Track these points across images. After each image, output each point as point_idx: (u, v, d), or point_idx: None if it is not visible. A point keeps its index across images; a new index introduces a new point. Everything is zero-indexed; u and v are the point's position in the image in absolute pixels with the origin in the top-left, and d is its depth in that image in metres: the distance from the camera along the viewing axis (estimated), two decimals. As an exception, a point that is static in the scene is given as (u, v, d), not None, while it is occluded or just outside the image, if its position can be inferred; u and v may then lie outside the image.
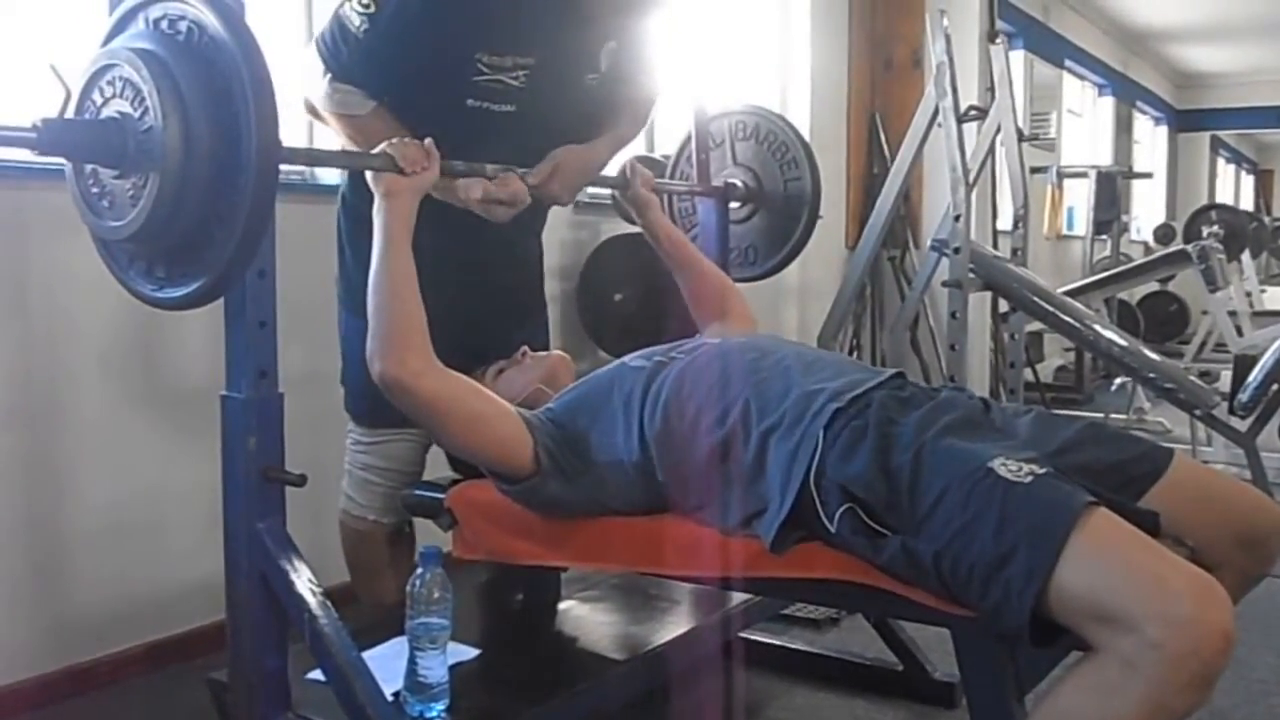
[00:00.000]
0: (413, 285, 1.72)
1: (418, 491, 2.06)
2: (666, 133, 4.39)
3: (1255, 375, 3.76)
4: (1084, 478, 1.45)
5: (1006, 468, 1.38)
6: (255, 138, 1.37)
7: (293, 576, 1.66)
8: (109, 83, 1.47)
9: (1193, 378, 4.17)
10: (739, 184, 2.83)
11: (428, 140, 1.78)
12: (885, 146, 5.82)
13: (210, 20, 1.41)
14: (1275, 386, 3.74)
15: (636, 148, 4.18)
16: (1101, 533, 1.32)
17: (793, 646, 2.67)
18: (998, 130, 4.55)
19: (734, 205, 2.84)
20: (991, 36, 5.63)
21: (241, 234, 1.41)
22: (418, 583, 1.65)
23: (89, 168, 1.53)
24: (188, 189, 1.41)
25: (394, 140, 1.76)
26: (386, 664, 1.71)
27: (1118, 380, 5.96)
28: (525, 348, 2.06)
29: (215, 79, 1.40)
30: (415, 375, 1.68)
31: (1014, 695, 1.47)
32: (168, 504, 2.64)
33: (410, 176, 1.74)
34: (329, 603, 1.66)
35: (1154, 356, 4.09)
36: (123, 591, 2.59)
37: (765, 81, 5.49)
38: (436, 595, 1.65)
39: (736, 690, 2.44)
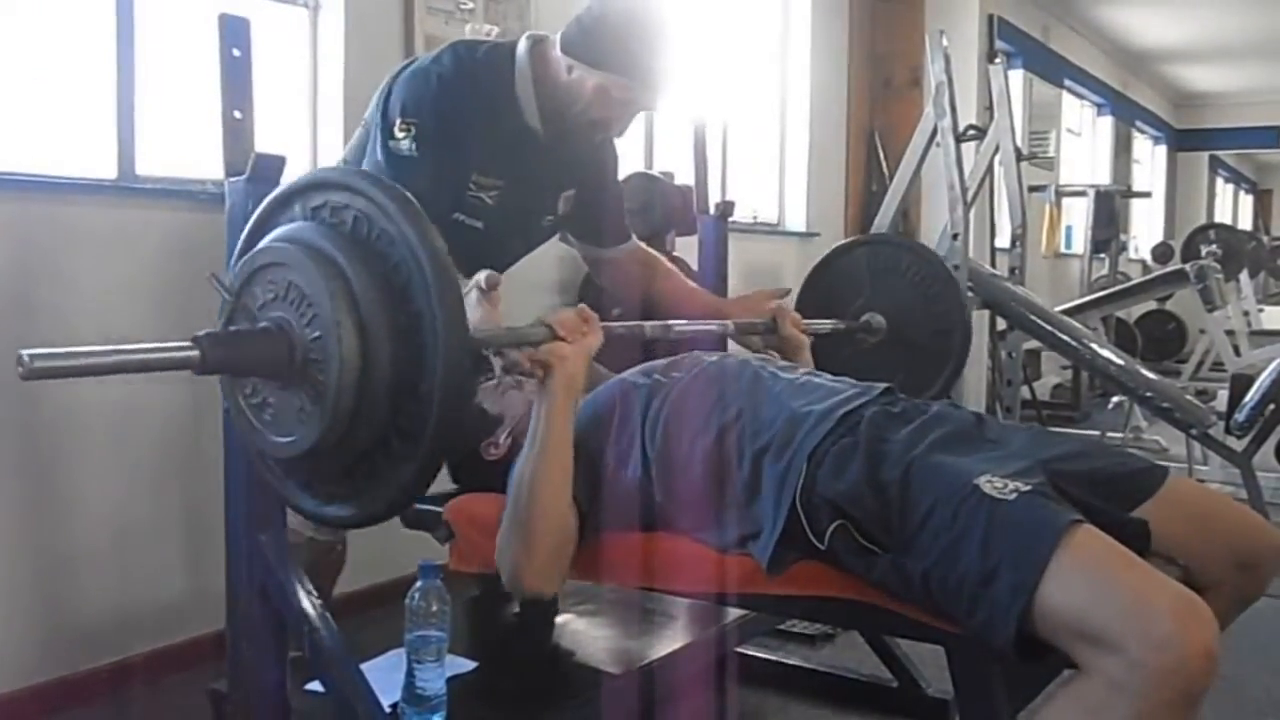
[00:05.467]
0: (566, 493, 1.63)
1: (416, 505, 2.07)
2: (667, 148, 4.42)
3: (1252, 395, 3.76)
4: (1077, 488, 1.46)
5: (992, 484, 1.38)
6: (442, 339, 1.24)
7: (292, 588, 1.66)
8: (270, 283, 1.32)
9: (1189, 397, 4.17)
10: (872, 320, 2.68)
11: (582, 305, 1.69)
12: (884, 165, 5.85)
13: (381, 210, 1.28)
14: (1272, 406, 3.74)
15: (635, 163, 4.21)
16: (1085, 550, 1.32)
17: (788, 662, 2.68)
18: (996, 149, 4.58)
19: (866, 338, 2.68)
20: (990, 56, 5.68)
21: (428, 449, 1.26)
22: (416, 595, 1.66)
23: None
24: (365, 403, 1.26)
25: (545, 315, 1.64)
26: (385, 676, 1.72)
27: (1114, 399, 5.96)
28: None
29: (392, 276, 1.27)
30: (538, 588, 1.67)
31: (1007, 713, 1.48)
32: (168, 513, 2.65)
33: (574, 343, 1.62)
34: (328, 614, 1.67)
35: (1151, 375, 4.10)
36: (122, 600, 2.60)
37: (765, 100, 5.53)
38: (434, 608, 1.66)
39: (731, 705, 2.44)
